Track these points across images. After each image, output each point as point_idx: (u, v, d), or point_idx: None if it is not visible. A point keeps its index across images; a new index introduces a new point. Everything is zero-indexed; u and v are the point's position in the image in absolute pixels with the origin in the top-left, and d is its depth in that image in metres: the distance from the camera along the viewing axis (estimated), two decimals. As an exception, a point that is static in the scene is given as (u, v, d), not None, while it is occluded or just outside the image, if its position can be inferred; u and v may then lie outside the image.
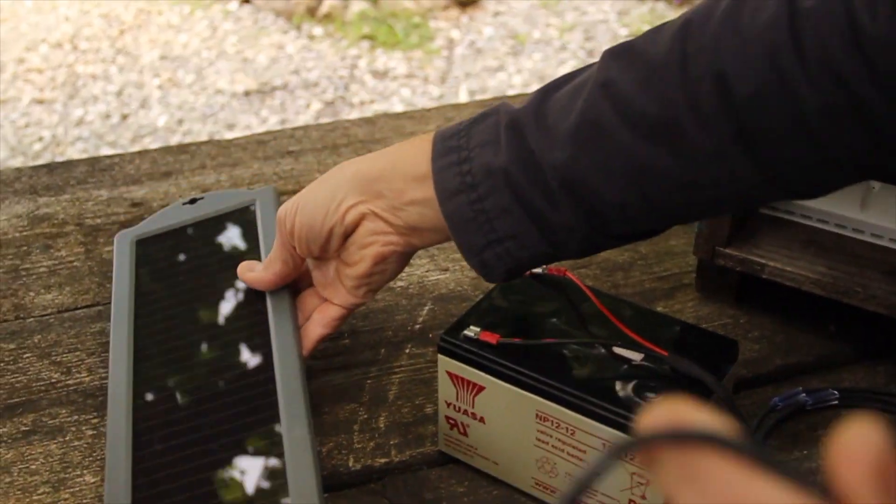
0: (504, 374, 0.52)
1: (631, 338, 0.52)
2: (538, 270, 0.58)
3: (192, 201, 0.70)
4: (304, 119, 2.70)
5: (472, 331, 0.53)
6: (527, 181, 0.49)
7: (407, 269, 0.73)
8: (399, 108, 2.74)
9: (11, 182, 0.85)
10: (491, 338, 0.53)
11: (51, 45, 3.17)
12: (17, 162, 2.48)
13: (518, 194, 0.50)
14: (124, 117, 2.74)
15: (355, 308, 0.60)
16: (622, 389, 0.50)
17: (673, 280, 0.73)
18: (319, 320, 0.60)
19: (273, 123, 2.68)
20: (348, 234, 0.56)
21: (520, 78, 2.93)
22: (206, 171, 0.86)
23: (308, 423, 0.55)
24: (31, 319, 0.69)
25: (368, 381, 0.63)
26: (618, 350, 0.52)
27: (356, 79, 2.94)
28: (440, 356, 0.54)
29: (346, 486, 0.56)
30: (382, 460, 0.58)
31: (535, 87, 2.84)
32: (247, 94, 2.86)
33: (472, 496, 0.56)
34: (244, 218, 0.68)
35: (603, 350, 0.53)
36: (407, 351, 0.66)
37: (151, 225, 0.69)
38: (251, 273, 0.61)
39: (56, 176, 0.86)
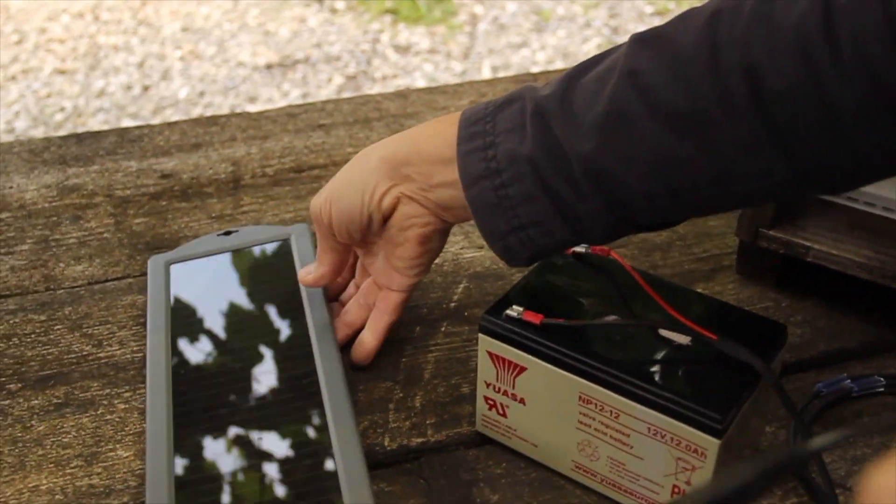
0: (547, 354, 0.51)
1: (677, 320, 0.51)
2: (581, 250, 0.57)
3: (227, 233, 0.71)
4: (326, 93, 2.68)
5: (514, 310, 0.52)
6: (552, 170, 0.49)
7: (441, 245, 0.71)
8: (421, 83, 2.72)
9: (40, 152, 0.84)
10: (534, 318, 0.51)
11: (72, 15, 3.16)
12: (39, 132, 2.47)
13: (543, 182, 0.49)
14: (146, 89, 2.73)
15: (413, 289, 0.61)
16: (668, 373, 0.49)
17: (712, 261, 0.71)
18: (384, 308, 0.61)
19: (295, 97, 2.67)
20: (387, 217, 0.57)
21: (543, 55, 2.90)
22: (237, 144, 0.85)
23: (352, 412, 0.56)
24: (62, 291, 0.68)
25: (403, 360, 0.62)
26: (664, 332, 0.51)
27: (378, 53, 2.92)
28: (481, 336, 0.53)
29: (382, 466, 0.55)
30: (419, 440, 0.57)
31: (558, 64, 2.82)
32: (268, 67, 2.84)
33: (510, 478, 0.55)
34: (280, 250, 0.69)
35: (649, 332, 0.51)
36: (442, 329, 0.65)
37: (185, 251, 0.69)
38: (310, 275, 0.62)
39: (85, 147, 0.85)
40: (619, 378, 0.49)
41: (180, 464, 0.53)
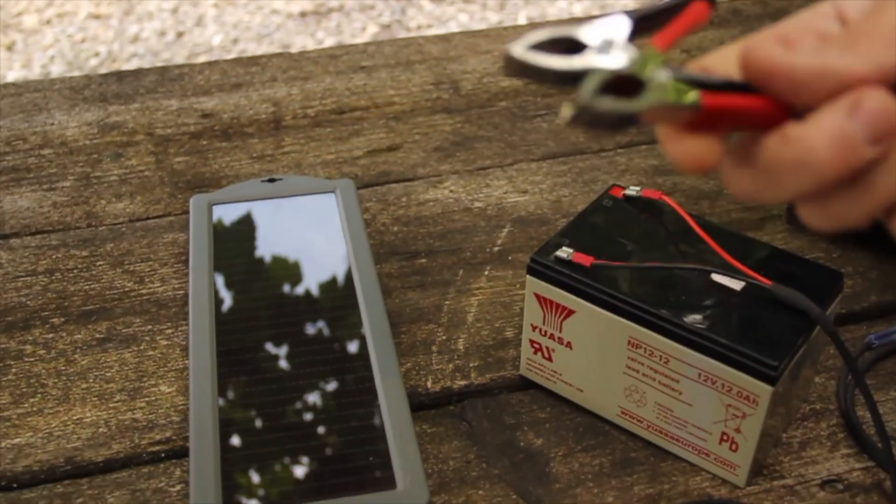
0: (596, 297, 0.50)
1: (731, 265, 0.50)
2: (632, 193, 0.56)
3: (272, 180, 0.70)
4: (360, 42, 2.66)
5: (564, 252, 0.51)
6: None
7: (485, 189, 0.71)
8: (456, 33, 2.68)
9: (81, 89, 0.83)
10: (584, 260, 0.50)
11: (107, -39, 3.15)
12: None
13: None
14: (179, 35, 2.72)
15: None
16: (721, 318, 0.48)
17: (762, 210, 0.70)
18: None
19: (329, 45, 2.64)
20: None
21: (580, 6, 2.86)
22: (277, 84, 0.84)
23: (395, 354, 0.56)
24: (103, 228, 0.68)
25: (447, 303, 0.62)
26: (717, 277, 0.50)
27: (413, 2, 2.89)
28: (529, 277, 0.52)
29: (425, 408, 0.55)
30: (462, 383, 0.56)
31: (595, 13, 2.77)
32: (303, 15, 2.82)
33: (555, 422, 0.54)
34: (324, 202, 0.68)
35: (701, 277, 0.50)
36: (486, 273, 0.64)
37: (229, 193, 0.69)
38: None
39: (125, 84, 0.84)
40: (671, 322, 0.48)
41: (224, 400, 0.53)
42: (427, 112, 0.81)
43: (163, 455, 0.52)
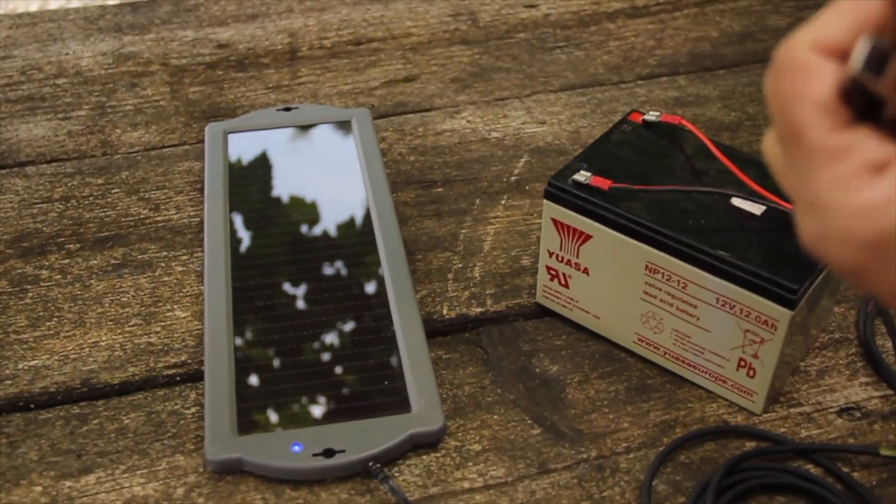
0: (614, 221, 0.49)
1: (751, 189, 0.49)
2: (652, 118, 0.55)
3: (287, 109, 0.69)
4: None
5: (582, 175, 0.50)
6: None
7: (502, 120, 0.70)
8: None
9: (96, 19, 0.82)
10: (602, 183, 0.50)
11: None
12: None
13: None
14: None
15: None
16: (741, 242, 0.47)
17: (784, 142, 0.69)
18: None
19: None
20: None
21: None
22: (294, 15, 0.83)
23: (410, 280, 0.56)
24: (118, 156, 0.68)
25: (463, 231, 0.61)
26: (737, 201, 0.49)
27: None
28: (546, 202, 0.51)
29: (441, 334, 0.55)
30: (478, 310, 0.56)
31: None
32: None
33: (571, 349, 0.54)
34: (340, 132, 0.67)
35: (721, 201, 0.49)
36: (503, 202, 0.63)
37: (244, 122, 0.68)
38: None
39: (140, 15, 0.83)
40: (690, 246, 0.47)
41: (239, 325, 0.53)
42: (445, 43, 0.80)
43: (178, 378, 0.52)
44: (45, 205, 0.63)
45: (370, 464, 0.46)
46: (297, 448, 0.47)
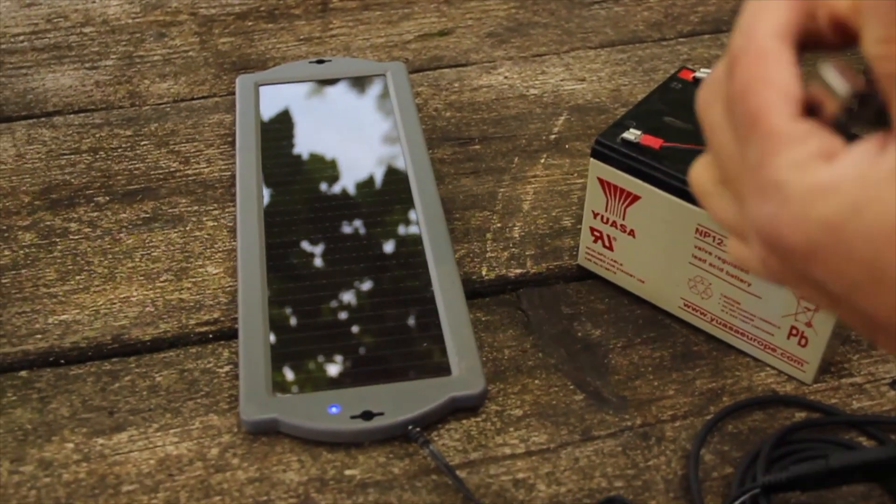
0: (665, 182, 0.47)
1: (809, 151, 0.47)
2: (702, 75, 0.53)
3: (320, 62, 0.67)
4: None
5: (632, 134, 0.48)
6: None
7: (540, 77, 0.68)
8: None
9: (122, -33, 0.81)
10: (653, 142, 0.48)
11: None
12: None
13: None
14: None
15: None
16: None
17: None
18: None
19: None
20: None
21: None
22: (325, -34, 0.81)
23: (449, 240, 0.54)
24: (147, 107, 0.66)
25: (501, 190, 0.60)
26: (794, 164, 0.47)
27: None
28: (592, 160, 0.49)
29: (479, 295, 0.53)
30: (517, 271, 0.55)
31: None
32: None
33: (613, 314, 0.52)
34: (375, 86, 0.65)
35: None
36: (542, 161, 0.62)
37: (276, 74, 0.66)
38: None
39: (168, -37, 0.81)
40: (744, 209, 0.45)
41: (273, 283, 0.51)
42: (480, -3, 0.77)
43: (210, 336, 0.51)
44: (73, 156, 0.62)
45: (409, 427, 0.45)
46: (334, 410, 0.45)
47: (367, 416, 0.45)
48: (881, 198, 0.24)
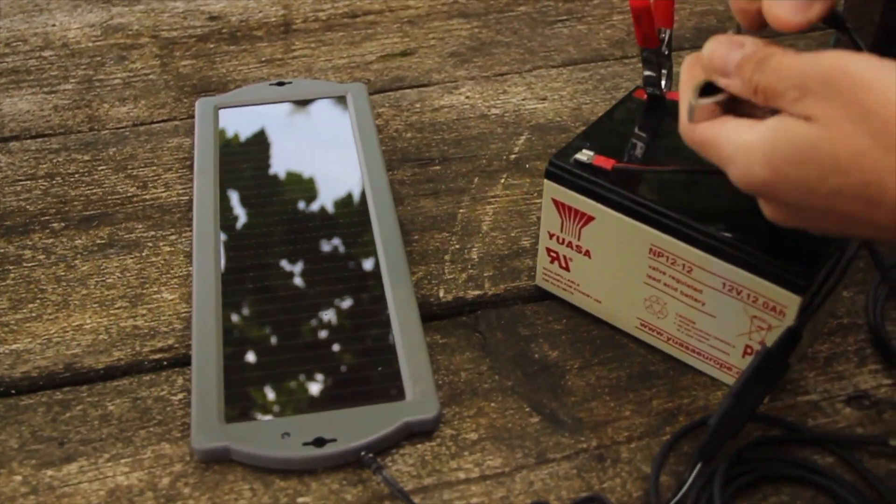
0: (618, 203, 0.47)
1: (761, 170, 0.47)
2: (657, 93, 0.53)
3: (280, 83, 0.67)
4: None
5: (584, 154, 0.48)
6: None
7: (502, 96, 0.68)
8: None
9: (84, -10, 0.80)
10: (605, 163, 0.48)
11: None
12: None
13: None
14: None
15: None
16: (749, 225, 0.45)
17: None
18: None
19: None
20: None
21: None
22: (287, -13, 0.81)
23: (405, 262, 0.54)
24: (106, 132, 0.66)
25: (461, 211, 0.59)
26: (745, 183, 0.47)
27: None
28: (546, 182, 0.49)
29: (437, 318, 0.53)
30: (475, 293, 0.54)
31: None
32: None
33: (571, 334, 0.52)
34: (335, 107, 0.65)
35: (728, 181, 0.47)
36: (502, 181, 0.62)
37: (235, 97, 0.66)
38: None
39: (130, -15, 0.81)
40: (696, 229, 0.45)
41: (228, 308, 0.51)
42: (443, 16, 0.77)
43: (165, 363, 0.50)
44: (28, 182, 0.61)
45: (362, 453, 0.45)
46: (286, 437, 0.45)
47: (320, 442, 0.45)
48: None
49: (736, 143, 0.38)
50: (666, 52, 0.51)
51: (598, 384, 0.50)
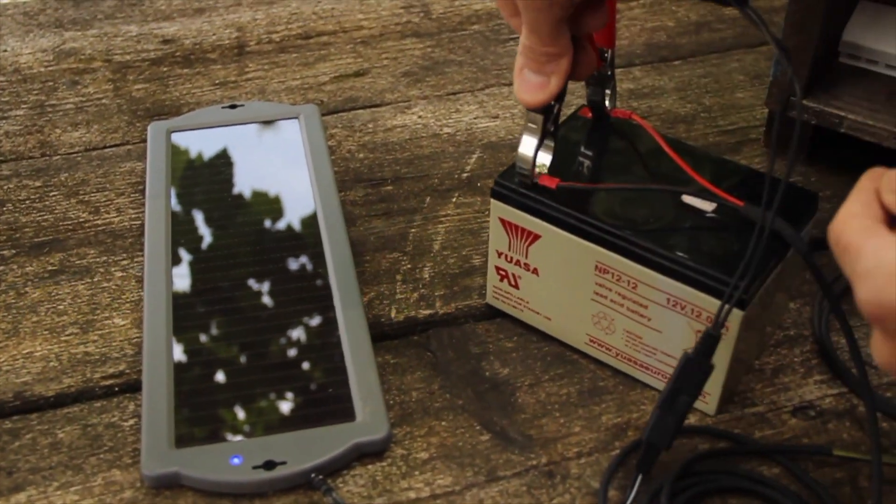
0: (562, 221, 0.48)
1: (702, 186, 0.48)
2: (603, 112, 0.53)
3: (233, 106, 0.67)
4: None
5: (529, 174, 0.49)
6: None
7: (454, 115, 0.68)
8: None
9: (36, 14, 0.80)
10: (549, 182, 0.48)
11: None
12: None
13: None
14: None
15: None
16: (691, 241, 0.46)
17: (739, 134, 0.68)
18: None
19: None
20: None
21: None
22: (242, 9, 0.81)
23: (356, 283, 0.54)
24: (58, 157, 0.66)
25: (412, 231, 0.60)
26: (687, 199, 0.48)
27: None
28: (493, 201, 0.50)
29: (388, 338, 0.53)
30: (426, 312, 0.55)
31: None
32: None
33: (522, 351, 0.53)
34: (288, 128, 0.65)
35: (671, 198, 0.48)
36: (454, 200, 0.62)
37: (188, 120, 0.66)
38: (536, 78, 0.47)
39: (83, 9, 0.81)
40: (639, 246, 0.46)
41: (179, 333, 0.51)
42: (396, 36, 0.78)
43: (116, 389, 0.50)
44: (-21, 209, 0.61)
45: (312, 475, 0.45)
46: (236, 461, 0.45)
47: (270, 465, 0.45)
48: None
49: (880, 258, 0.34)
50: (608, 73, 0.52)
51: (548, 401, 0.50)
